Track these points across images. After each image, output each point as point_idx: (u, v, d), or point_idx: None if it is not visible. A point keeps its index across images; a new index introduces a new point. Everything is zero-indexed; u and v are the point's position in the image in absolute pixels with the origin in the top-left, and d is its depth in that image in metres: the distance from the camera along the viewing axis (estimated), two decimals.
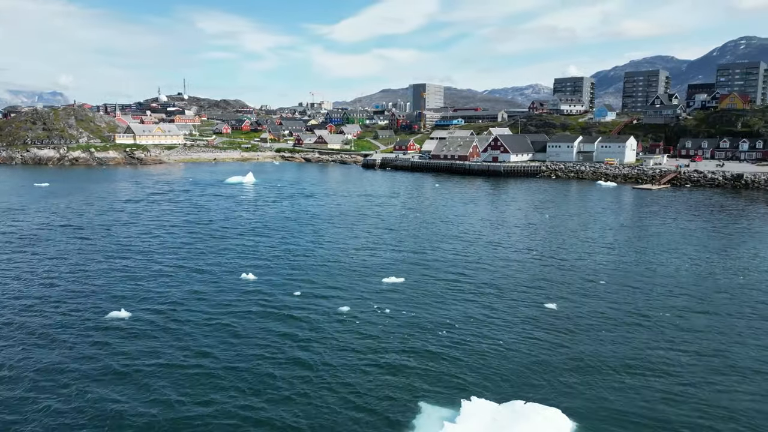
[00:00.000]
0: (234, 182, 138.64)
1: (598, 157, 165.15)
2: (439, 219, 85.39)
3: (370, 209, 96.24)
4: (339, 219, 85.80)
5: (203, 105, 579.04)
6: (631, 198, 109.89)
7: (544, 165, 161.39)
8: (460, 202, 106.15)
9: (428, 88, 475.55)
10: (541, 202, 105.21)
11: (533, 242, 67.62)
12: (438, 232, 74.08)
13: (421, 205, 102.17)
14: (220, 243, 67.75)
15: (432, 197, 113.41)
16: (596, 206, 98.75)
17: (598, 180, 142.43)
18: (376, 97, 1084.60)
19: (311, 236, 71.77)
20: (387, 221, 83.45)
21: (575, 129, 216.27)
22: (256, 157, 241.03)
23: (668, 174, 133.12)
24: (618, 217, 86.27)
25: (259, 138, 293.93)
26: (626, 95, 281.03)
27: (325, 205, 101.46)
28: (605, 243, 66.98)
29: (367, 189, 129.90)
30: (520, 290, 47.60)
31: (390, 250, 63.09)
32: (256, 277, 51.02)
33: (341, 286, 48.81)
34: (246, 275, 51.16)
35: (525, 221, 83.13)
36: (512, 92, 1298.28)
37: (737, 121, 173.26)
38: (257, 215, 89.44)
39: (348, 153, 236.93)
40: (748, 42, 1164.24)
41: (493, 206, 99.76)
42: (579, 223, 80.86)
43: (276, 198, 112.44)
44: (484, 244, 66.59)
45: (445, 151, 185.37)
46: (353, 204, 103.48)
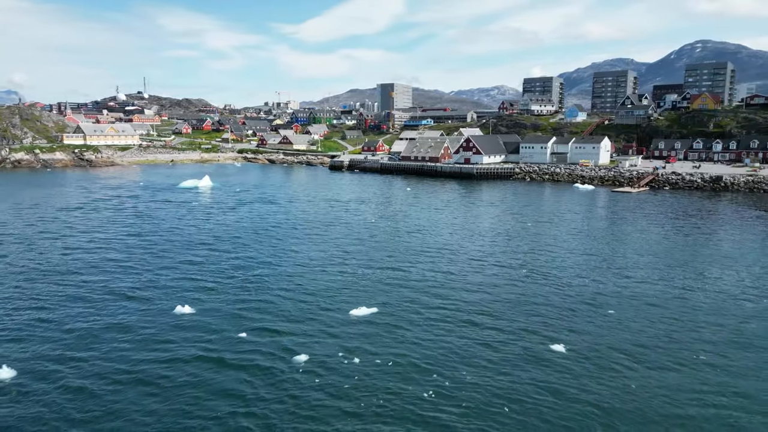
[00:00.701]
0: (188, 186, 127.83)
1: (573, 158, 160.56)
2: (414, 228, 77.51)
3: (338, 217, 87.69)
4: (302, 229, 76.95)
5: (164, 104, 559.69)
6: (613, 203, 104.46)
7: (517, 167, 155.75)
8: (434, 207, 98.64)
9: (396, 88, 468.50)
10: (520, 207, 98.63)
11: (520, 256, 60.36)
12: (414, 245, 66.13)
13: (393, 211, 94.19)
14: (160, 260, 58.10)
15: (404, 203, 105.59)
16: (579, 212, 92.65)
17: (574, 183, 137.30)
18: (343, 97, 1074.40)
19: (269, 251, 62.76)
20: (356, 231, 75.06)
21: (546, 129, 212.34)
22: (217, 158, 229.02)
23: (646, 176, 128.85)
24: (606, 225, 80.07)
25: (221, 138, 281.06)
26: (595, 95, 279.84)
27: (288, 213, 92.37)
28: (601, 257, 60.21)
29: (334, 193, 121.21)
30: (518, 320, 39.97)
31: (360, 269, 54.73)
32: (194, 309, 41.84)
33: (300, 319, 40.18)
34: (182, 306, 41.92)
35: (507, 230, 76.00)
36: (478, 93, 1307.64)
37: (709, 122, 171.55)
38: (209, 225, 79.71)
39: (314, 154, 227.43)
40: (703, 45, 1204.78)
41: (470, 213, 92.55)
42: (566, 233, 74.18)
43: (234, 204, 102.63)
44: (466, 259, 58.92)
45: (415, 152, 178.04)
46: (319, 211, 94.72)
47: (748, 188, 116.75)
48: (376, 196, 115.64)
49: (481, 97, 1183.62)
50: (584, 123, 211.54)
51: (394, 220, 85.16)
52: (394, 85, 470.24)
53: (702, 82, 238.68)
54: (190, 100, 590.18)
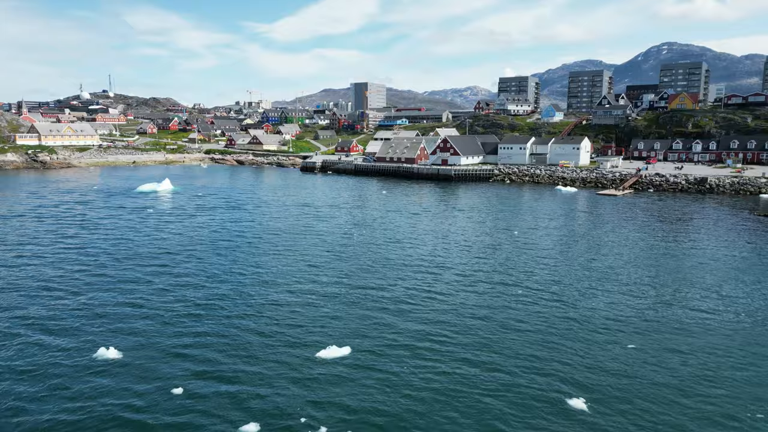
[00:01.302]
0: (146, 191, 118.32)
1: (552, 159, 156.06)
2: (392, 238, 70.52)
3: (308, 226, 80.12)
4: (268, 240, 69.17)
5: (131, 103, 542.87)
6: (599, 207, 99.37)
7: (496, 168, 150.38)
8: (412, 213, 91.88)
9: (370, 87, 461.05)
10: (504, 213, 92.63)
11: (512, 272, 53.93)
12: (392, 259, 59.12)
13: (369, 218, 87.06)
14: (96, 281, 49.74)
15: (380, 208, 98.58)
16: (566, 218, 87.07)
17: (556, 185, 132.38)
18: (317, 96, 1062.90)
19: (227, 269, 54.92)
20: (329, 243, 67.67)
21: (523, 130, 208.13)
22: (183, 159, 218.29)
23: (630, 178, 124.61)
24: (599, 233, 74.42)
25: (188, 138, 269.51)
26: (571, 95, 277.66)
27: (254, 221, 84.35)
28: (601, 271, 54.20)
29: (306, 197, 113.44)
30: (521, 358, 33.31)
31: (331, 291, 47.47)
32: (119, 354, 33.79)
33: (256, 362, 32.70)
34: (105, 349, 33.81)
35: (493, 240, 69.62)
36: (451, 93, 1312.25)
37: (688, 122, 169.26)
38: (162, 236, 71.24)
39: (285, 155, 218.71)
40: (669, 47, 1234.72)
41: (451, 219, 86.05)
42: (557, 242, 68.20)
43: (194, 211, 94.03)
44: (453, 277, 52.19)
45: (390, 153, 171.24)
46: (288, 218, 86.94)
47: (733, 190, 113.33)
48: (351, 201, 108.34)
49: (455, 98, 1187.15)
50: (562, 123, 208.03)
51: (370, 228, 78.03)
52: (368, 84, 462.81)
53: (677, 82, 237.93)
54: (158, 99, 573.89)
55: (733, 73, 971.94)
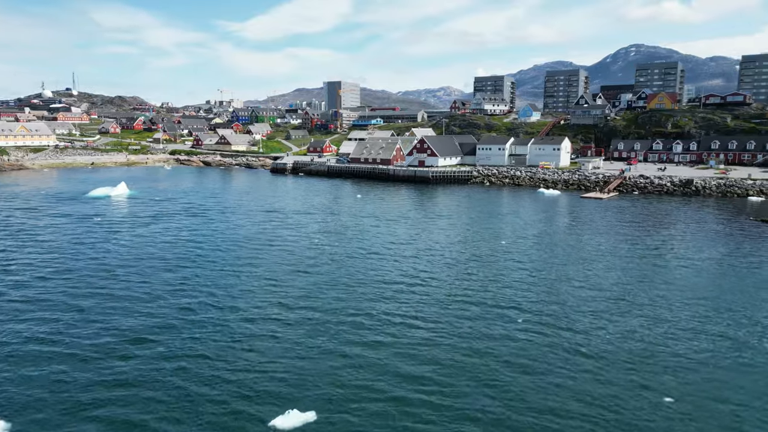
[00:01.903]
0: (99, 196, 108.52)
1: (532, 160, 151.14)
2: (367, 251, 63.43)
3: (275, 236, 72.42)
4: (227, 255, 61.32)
5: (95, 102, 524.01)
6: (586, 211, 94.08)
7: (475, 170, 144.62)
8: (388, 219, 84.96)
9: (344, 86, 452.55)
10: (487, 219, 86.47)
11: (507, 291, 47.45)
12: (369, 278, 52.06)
13: (342, 226, 79.79)
14: (9, 312, 41.28)
15: (354, 214, 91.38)
16: (552, 224, 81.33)
17: (537, 187, 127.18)
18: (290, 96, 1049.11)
19: (173, 291, 47.04)
20: (296, 258, 60.19)
21: (501, 130, 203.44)
22: (146, 160, 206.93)
23: (614, 180, 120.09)
24: (590, 242, 68.68)
25: (152, 138, 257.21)
26: (547, 95, 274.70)
27: (215, 231, 76.21)
28: (607, 289, 48.14)
29: (275, 202, 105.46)
30: (537, 417, 26.62)
31: (297, 319, 40.21)
32: (15, 414, 26.05)
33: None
34: None
35: (480, 252, 63.15)
36: (425, 94, 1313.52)
37: (667, 122, 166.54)
38: (105, 250, 62.66)
39: (255, 155, 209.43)
40: (637, 49, 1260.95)
41: (432, 228, 79.42)
42: (548, 254, 62.12)
43: (149, 219, 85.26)
44: (439, 301, 45.39)
45: (365, 154, 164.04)
46: (253, 227, 79.05)
47: (720, 192, 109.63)
48: (322, 206, 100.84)
49: (428, 98, 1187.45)
50: (539, 123, 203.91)
51: (344, 238, 70.80)
52: (341, 83, 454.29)
53: (653, 81, 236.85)
54: (124, 98, 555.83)
55: (698, 75, 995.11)
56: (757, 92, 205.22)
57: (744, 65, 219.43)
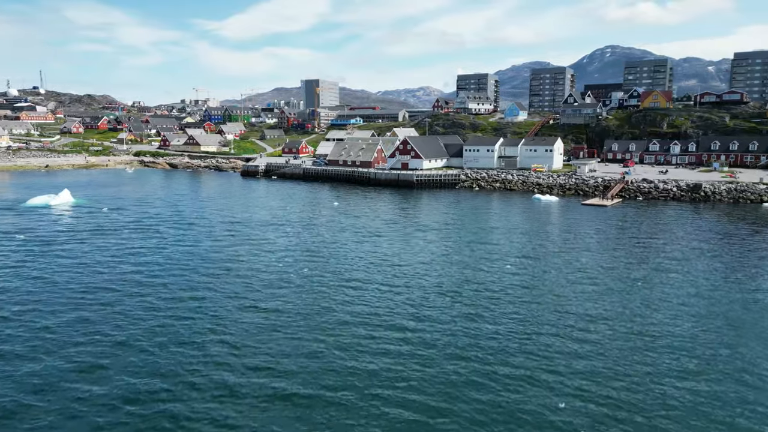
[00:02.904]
0: (36, 205, 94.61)
1: (523, 162, 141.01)
2: (346, 276, 51.73)
3: (236, 258, 60.24)
4: (168, 286, 48.98)
5: (63, 100, 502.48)
6: (591, 221, 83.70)
7: (463, 173, 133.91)
8: (369, 232, 73.34)
9: (322, 85, 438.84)
10: (481, 232, 75.43)
11: (517, 328, 36.27)
12: (350, 317, 40.41)
13: (316, 244, 67.91)
14: None
15: (331, 227, 79.54)
16: (558, 239, 70.62)
17: (531, 192, 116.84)
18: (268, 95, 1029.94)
19: (86, 339, 34.72)
20: (256, 290, 48.16)
21: (487, 130, 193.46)
22: (107, 162, 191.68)
23: (615, 185, 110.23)
24: (610, 263, 58.00)
25: (117, 139, 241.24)
26: (533, 93, 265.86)
27: (162, 251, 63.67)
28: (631, 322, 37.25)
29: (241, 212, 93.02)
30: None
31: (243, 387, 28.33)
32: None
33: None
34: None
35: (484, 280, 51.89)
36: (405, 93, 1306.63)
37: (663, 121, 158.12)
38: (24, 274, 49.73)
39: (226, 157, 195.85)
40: (612, 50, 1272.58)
41: (420, 243, 68.04)
42: (560, 277, 51.15)
43: (88, 234, 72.19)
44: (443, 358, 33.90)
45: (344, 155, 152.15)
46: (210, 245, 66.69)
47: (731, 198, 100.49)
48: (295, 216, 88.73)
49: (408, 98, 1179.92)
50: (527, 123, 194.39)
51: (318, 260, 58.95)
52: (319, 82, 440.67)
53: (642, 80, 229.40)
54: (93, 97, 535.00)
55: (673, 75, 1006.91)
56: (750, 90, 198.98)
57: (736, 63, 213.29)
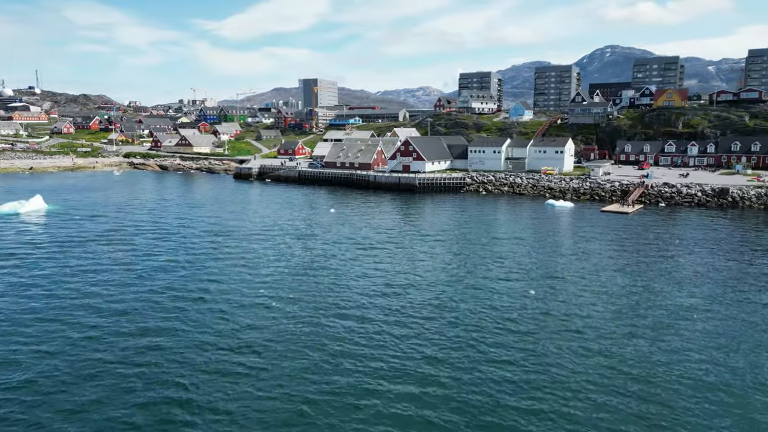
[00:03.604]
0: (5, 212, 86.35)
1: (532, 164, 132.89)
2: (343, 306, 43.66)
3: (213, 278, 52.14)
4: (138, 316, 40.87)
5: (59, 100, 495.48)
6: (614, 231, 75.63)
7: (468, 176, 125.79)
8: (370, 246, 65.28)
9: (321, 84, 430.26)
10: (495, 244, 67.37)
11: (546, 386, 28.23)
12: (344, 367, 32.33)
13: (309, 261, 59.82)
14: None
15: (326, 238, 71.48)
16: (584, 253, 62.55)
17: (542, 197, 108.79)
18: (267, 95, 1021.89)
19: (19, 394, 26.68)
20: (233, 323, 40.06)
21: (491, 130, 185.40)
22: (94, 164, 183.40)
23: (634, 189, 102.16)
24: (643, 279, 49.93)
25: (107, 139, 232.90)
26: (538, 92, 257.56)
27: (133, 267, 55.56)
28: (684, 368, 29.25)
29: (229, 220, 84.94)
30: None
31: None
32: None
33: None
34: None
35: (497, 305, 43.82)
36: (404, 94, 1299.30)
37: (678, 121, 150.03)
38: None
39: (219, 158, 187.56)
40: (612, 50, 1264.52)
41: (427, 260, 59.98)
42: (589, 304, 43.08)
43: (55, 248, 64.05)
44: (463, 411, 25.86)
45: (342, 157, 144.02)
46: (188, 263, 58.60)
47: (762, 204, 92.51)
48: (287, 226, 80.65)
49: (407, 98, 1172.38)
50: (533, 123, 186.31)
51: (309, 282, 50.87)
52: (317, 81, 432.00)
53: (651, 78, 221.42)
54: (89, 96, 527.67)
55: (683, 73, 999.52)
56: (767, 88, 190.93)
57: (751, 60, 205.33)
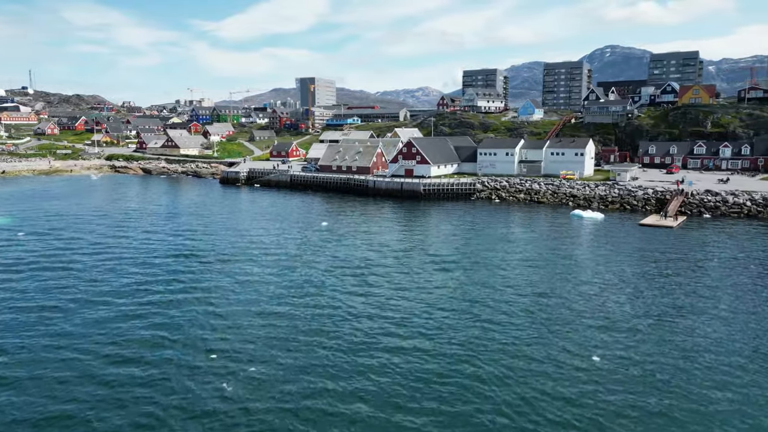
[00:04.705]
0: None
1: (548, 168, 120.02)
2: (335, 365, 30.71)
3: (172, 321, 39.17)
4: (55, 382, 27.93)
5: (52, 101, 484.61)
6: (662, 250, 62.73)
7: (479, 181, 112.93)
8: (371, 275, 52.38)
9: (318, 83, 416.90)
10: (518, 268, 54.45)
11: None
12: None
13: (294, 293, 46.83)
14: None
15: (316, 261, 58.55)
16: (629, 282, 49.65)
17: (564, 206, 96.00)
18: (266, 96, 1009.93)
19: None
20: (188, 395, 27.10)
21: (499, 130, 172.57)
22: (72, 167, 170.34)
23: (673, 198, 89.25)
24: (729, 328, 37.13)
25: (90, 141, 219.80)
26: (547, 90, 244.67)
27: (66, 308, 42.59)
28: None
29: (203, 237, 72.02)
30: None
31: None
32: None
33: None
34: None
35: (539, 379, 30.96)
36: (403, 94, 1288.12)
37: (706, 120, 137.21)
38: None
39: (207, 160, 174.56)
40: (612, 50, 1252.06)
41: (433, 288, 46.98)
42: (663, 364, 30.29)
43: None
44: None
45: (338, 160, 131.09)
46: (141, 296, 45.63)
47: None
48: (270, 243, 67.70)
49: (407, 98, 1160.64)
50: (544, 122, 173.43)
51: (297, 327, 37.91)
52: (315, 79, 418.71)
53: (669, 74, 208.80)
54: (82, 96, 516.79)
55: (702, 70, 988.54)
56: None
57: None
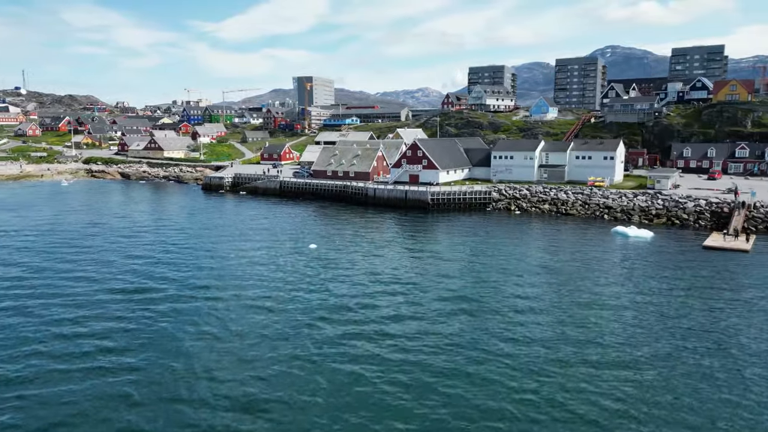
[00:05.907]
0: None
1: (573, 173, 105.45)
2: None
3: (111, 388, 24.50)
4: None
5: (44, 101, 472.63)
6: (748, 285, 48.17)
7: (494, 189, 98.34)
8: (372, 322, 37.76)
9: (316, 82, 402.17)
10: (556, 312, 39.78)
11: None
12: None
13: (271, 359, 32.12)
14: None
15: (299, 301, 43.87)
16: (720, 343, 35.11)
17: (598, 219, 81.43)
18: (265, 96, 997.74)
19: None
20: None
21: (511, 130, 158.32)
22: (44, 172, 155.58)
23: (736, 212, 74.44)
24: None
25: (70, 143, 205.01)
26: (559, 87, 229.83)
27: None
28: None
29: (170, 261, 57.34)
30: None
31: None
32: None
33: None
34: None
35: None
36: (403, 95, 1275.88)
37: (746, 119, 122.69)
38: None
39: (193, 164, 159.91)
40: (613, 50, 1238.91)
41: (450, 340, 32.24)
42: None
43: None
44: None
45: (334, 164, 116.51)
46: (63, 345, 30.95)
47: None
48: (244, 274, 53.02)
49: (407, 99, 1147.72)
50: (560, 122, 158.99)
51: (262, 410, 23.30)
52: (312, 78, 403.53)
53: (693, 70, 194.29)
54: (75, 97, 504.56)
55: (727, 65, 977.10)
56: None
57: None
